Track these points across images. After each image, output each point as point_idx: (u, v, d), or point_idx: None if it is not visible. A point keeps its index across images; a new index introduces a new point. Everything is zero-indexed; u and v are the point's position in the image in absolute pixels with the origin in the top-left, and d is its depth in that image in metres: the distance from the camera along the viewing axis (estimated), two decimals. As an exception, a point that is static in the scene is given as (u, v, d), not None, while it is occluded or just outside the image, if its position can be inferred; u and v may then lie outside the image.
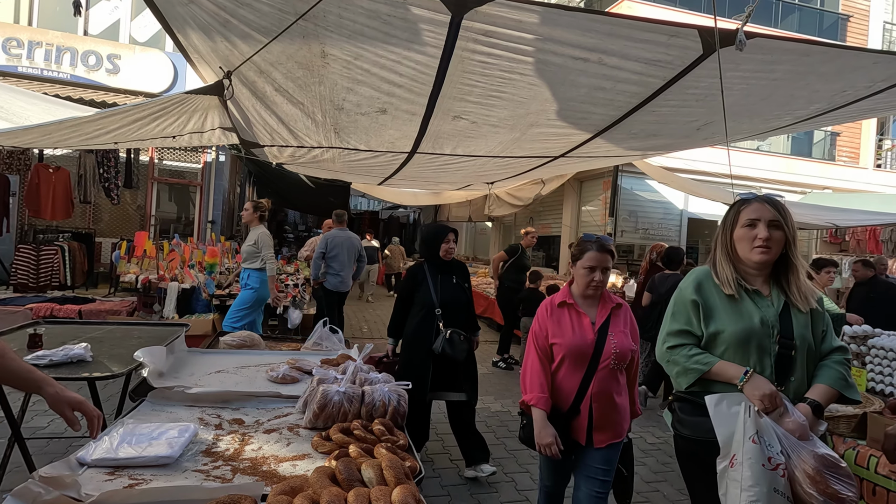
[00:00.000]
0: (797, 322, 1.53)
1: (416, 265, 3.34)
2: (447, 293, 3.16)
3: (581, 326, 1.99)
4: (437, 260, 3.24)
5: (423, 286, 3.18)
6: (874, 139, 11.18)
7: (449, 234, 3.24)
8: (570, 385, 1.95)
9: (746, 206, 1.58)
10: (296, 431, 1.54)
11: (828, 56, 2.99)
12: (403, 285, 3.30)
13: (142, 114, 3.84)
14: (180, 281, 4.88)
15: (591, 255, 1.98)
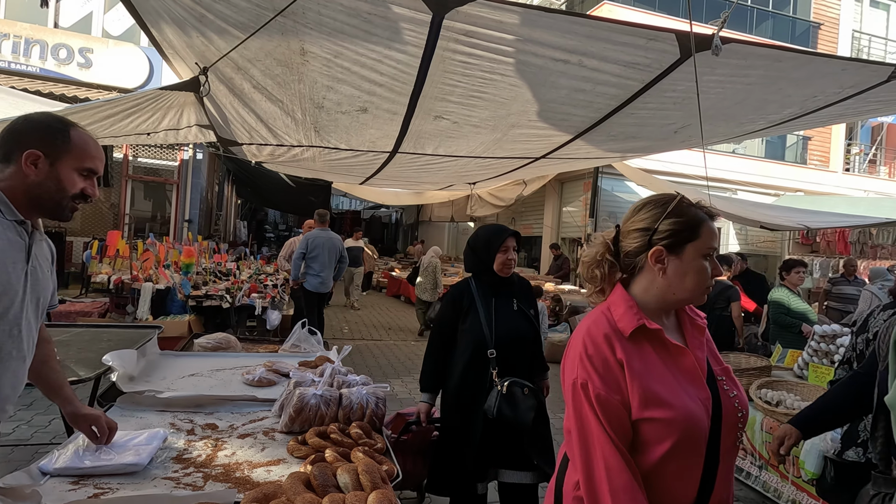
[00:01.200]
0: None
1: (461, 284, 2.35)
2: (505, 325, 2.19)
3: (685, 374, 1.05)
4: (491, 276, 2.25)
5: (470, 315, 2.21)
6: (843, 144, 11.55)
7: (508, 240, 2.24)
8: (683, 492, 1.02)
9: None
10: (271, 436, 1.50)
11: (799, 62, 3.07)
12: (442, 314, 2.32)
13: (114, 109, 3.74)
14: (155, 281, 4.76)
15: (710, 231, 1.10)
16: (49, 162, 1.17)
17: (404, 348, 6.80)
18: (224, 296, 4.94)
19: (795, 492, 2.36)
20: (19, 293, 1.18)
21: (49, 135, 1.18)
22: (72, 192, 1.20)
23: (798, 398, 2.53)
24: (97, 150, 1.26)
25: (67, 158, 1.19)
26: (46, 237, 1.34)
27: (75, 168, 1.20)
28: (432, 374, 2.30)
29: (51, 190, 1.18)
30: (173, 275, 4.99)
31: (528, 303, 2.33)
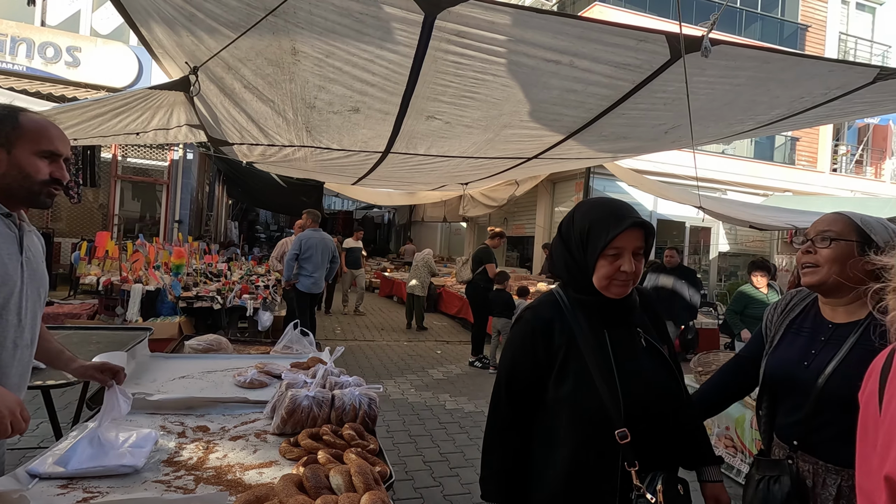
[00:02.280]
0: None
1: (546, 301, 1.28)
2: (637, 380, 1.19)
3: None
4: (593, 294, 1.20)
5: (571, 367, 1.18)
6: (830, 145, 11.70)
7: (626, 235, 1.16)
8: None
9: None
10: (263, 438, 1.50)
11: (787, 63, 3.11)
12: (513, 360, 1.25)
13: (102, 109, 3.70)
14: (144, 283, 4.71)
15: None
16: (6, 151, 1.16)
17: (397, 349, 6.79)
18: (215, 297, 4.90)
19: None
20: (18, 283, 1.20)
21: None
22: (38, 177, 1.19)
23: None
24: (55, 131, 1.23)
25: (22, 143, 1.17)
26: (35, 230, 1.34)
27: (34, 152, 1.18)
28: (503, 477, 1.24)
29: (17, 178, 1.17)
30: (163, 276, 4.94)
31: (658, 332, 1.29)
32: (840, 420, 1.20)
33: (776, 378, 1.34)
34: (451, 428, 4.00)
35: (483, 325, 6.32)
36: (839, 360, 1.23)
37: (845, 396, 1.20)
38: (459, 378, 5.53)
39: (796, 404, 1.28)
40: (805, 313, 1.39)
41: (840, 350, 1.24)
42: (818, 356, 1.27)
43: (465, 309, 8.44)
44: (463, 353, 6.68)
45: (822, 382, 1.22)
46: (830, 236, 1.29)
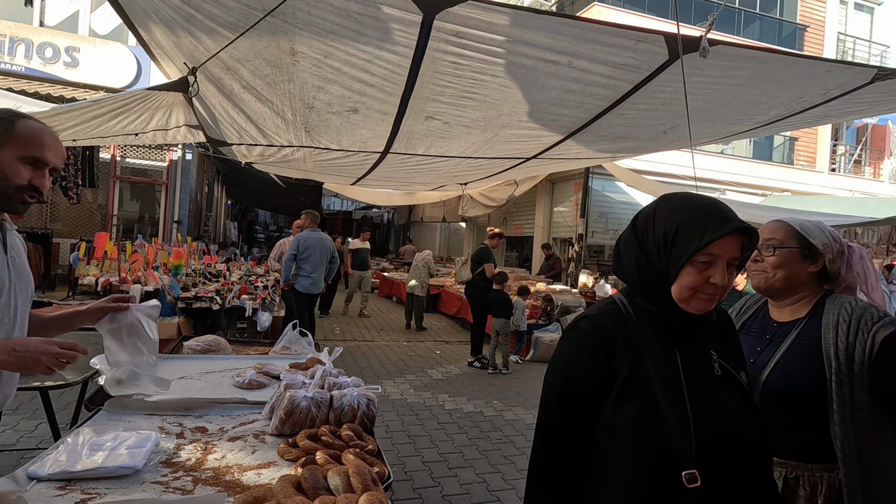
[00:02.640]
0: None
1: (607, 310, 1.05)
2: (717, 413, 0.96)
3: None
4: (668, 305, 0.99)
5: (634, 391, 0.96)
6: (829, 144, 11.72)
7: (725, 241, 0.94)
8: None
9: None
10: (262, 439, 1.50)
11: (785, 64, 3.12)
12: (565, 376, 1.03)
13: (101, 110, 3.70)
14: (143, 283, 4.71)
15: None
16: None
17: (396, 349, 6.79)
18: (214, 297, 4.90)
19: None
20: (6, 283, 1.21)
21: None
22: (16, 181, 1.17)
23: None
24: (48, 139, 1.22)
25: (10, 146, 1.16)
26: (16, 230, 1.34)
27: (19, 156, 1.17)
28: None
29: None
30: (162, 277, 4.94)
31: (734, 357, 1.09)
32: (782, 414, 1.27)
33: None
34: (450, 428, 4.01)
35: (482, 325, 6.33)
36: (779, 356, 1.30)
37: (783, 391, 1.27)
38: (458, 378, 5.53)
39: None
40: (756, 314, 1.48)
41: (781, 346, 1.32)
42: (762, 353, 1.35)
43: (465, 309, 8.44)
44: (462, 353, 6.68)
45: (764, 378, 1.29)
46: (774, 244, 1.37)
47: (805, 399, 1.24)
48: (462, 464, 3.36)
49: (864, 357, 1.19)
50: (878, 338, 1.18)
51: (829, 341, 1.23)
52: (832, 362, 1.21)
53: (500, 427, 4.11)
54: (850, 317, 1.24)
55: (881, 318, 1.21)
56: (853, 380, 1.19)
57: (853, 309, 1.25)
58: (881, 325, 1.20)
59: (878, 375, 1.18)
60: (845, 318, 1.24)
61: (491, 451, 3.61)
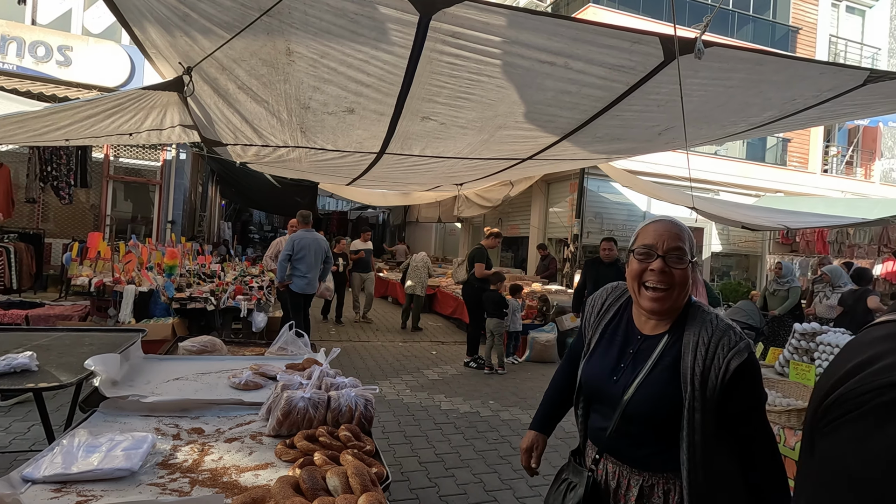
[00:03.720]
0: None
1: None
2: None
3: None
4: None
5: None
6: (821, 146, 11.81)
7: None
8: None
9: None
10: (259, 440, 1.49)
11: (779, 66, 3.14)
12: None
13: (95, 110, 3.66)
14: (137, 284, 4.68)
15: None
16: None
17: (392, 349, 6.78)
18: (209, 298, 4.88)
19: (777, 487, 2.41)
20: None
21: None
22: None
23: (780, 395, 2.59)
24: None
25: None
26: None
27: None
28: None
29: None
30: (156, 277, 4.91)
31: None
32: (642, 431, 1.25)
33: (590, 388, 1.36)
34: (447, 429, 4.01)
35: (478, 325, 6.33)
36: (642, 377, 1.24)
37: (644, 413, 1.23)
38: (455, 379, 5.53)
39: (606, 414, 1.31)
40: (619, 318, 1.37)
41: (644, 366, 1.25)
42: (626, 371, 1.27)
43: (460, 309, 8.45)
44: (458, 353, 6.69)
45: (627, 399, 1.24)
46: (686, 257, 1.24)
47: (665, 422, 1.21)
48: (459, 464, 3.36)
49: (717, 383, 1.16)
50: (732, 365, 1.15)
51: (688, 364, 1.19)
52: (688, 387, 1.17)
53: (497, 427, 4.11)
54: (709, 339, 1.19)
55: (737, 344, 1.17)
56: (704, 405, 1.16)
57: (713, 330, 1.20)
58: (735, 353, 1.16)
59: (724, 401, 1.16)
60: (704, 340, 1.19)
61: (487, 451, 3.62)
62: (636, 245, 1.29)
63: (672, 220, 1.30)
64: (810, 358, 2.84)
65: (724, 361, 1.16)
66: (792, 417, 2.40)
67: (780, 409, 2.45)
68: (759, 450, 1.19)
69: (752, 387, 1.19)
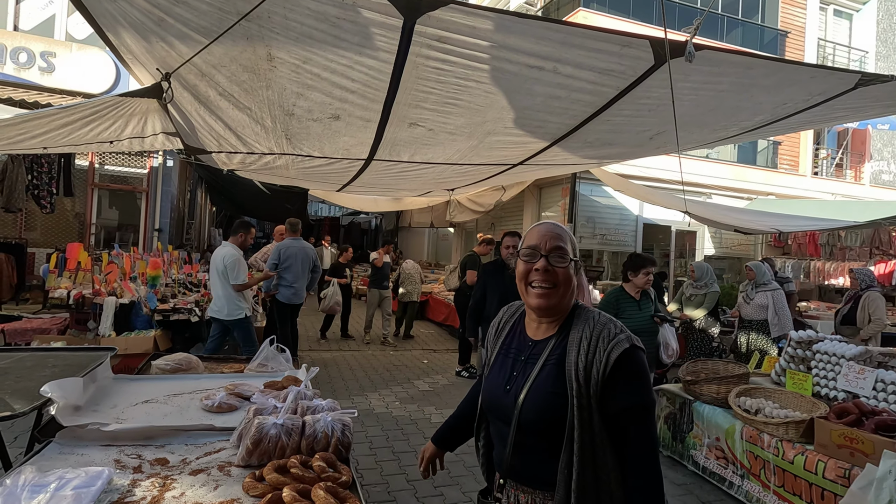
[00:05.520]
0: None
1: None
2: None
3: None
4: None
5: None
6: (812, 148, 11.87)
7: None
8: None
9: None
10: (226, 471, 1.39)
11: (769, 69, 3.10)
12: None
13: (72, 117, 3.56)
14: (119, 295, 4.55)
15: None
16: None
17: (382, 359, 6.67)
18: (193, 309, 4.75)
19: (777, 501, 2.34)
20: None
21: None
22: None
23: (777, 405, 2.52)
24: None
25: None
26: None
27: None
28: None
29: None
30: (139, 288, 4.78)
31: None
32: (538, 444, 1.20)
33: (488, 405, 1.32)
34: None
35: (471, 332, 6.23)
36: (531, 381, 1.21)
37: (535, 419, 1.18)
38: (446, 389, 5.43)
39: (503, 433, 1.25)
40: (513, 331, 1.36)
41: (533, 369, 1.23)
42: (518, 378, 1.25)
43: (452, 316, 8.35)
44: (450, 361, 6.59)
45: (520, 406, 1.20)
46: (568, 256, 1.26)
47: (556, 425, 1.16)
48: (448, 481, 3.26)
49: (598, 377, 1.13)
50: (612, 356, 1.13)
51: (572, 360, 1.17)
52: (573, 383, 1.14)
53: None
54: (591, 333, 1.18)
55: (617, 335, 1.16)
56: (590, 401, 1.13)
57: (595, 324, 1.20)
58: (615, 343, 1.14)
59: (606, 399, 1.13)
60: (587, 335, 1.18)
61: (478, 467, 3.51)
62: (522, 247, 1.30)
63: (554, 223, 1.32)
64: (807, 367, 2.77)
65: (605, 353, 1.13)
66: (790, 429, 2.33)
67: (777, 420, 2.38)
68: (633, 455, 1.13)
69: (633, 381, 1.14)
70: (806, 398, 2.50)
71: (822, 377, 2.64)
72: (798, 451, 2.28)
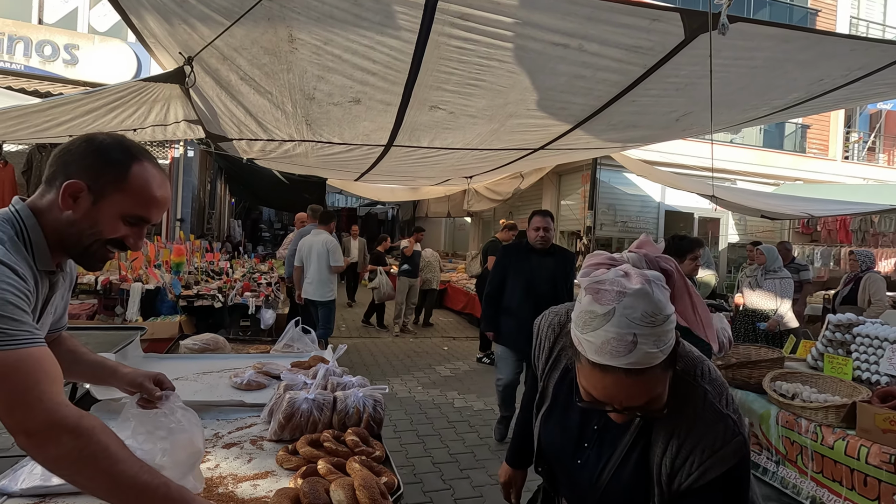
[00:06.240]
0: None
1: None
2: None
3: None
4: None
5: None
6: (842, 132, 11.47)
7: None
8: None
9: None
10: (259, 445, 1.39)
11: (807, 43, 2.97)
12: None
13: (96, 103, 3.59)
14: (144, 282, 4.62)
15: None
16: (92, 199, 0.92)
17: (402, 345, 6.69)
18: (216, 295, 4.81)
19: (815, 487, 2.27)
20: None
21: (105, 165, 0.93)
22: (107, 236, 0.95)
23: (814, 390, 2.44)
24: (160, 192, 0.98)
25: (115, 199, 0.93)
26: (71, 268, 1.10)
27: (121, 213, 0.94)
28: None
29: (83, 233, 0.93)
30: (163, 274, 4.85)
31: None
32: None
33: (552, 459, 1.12)
34: (461, 427, 3.90)
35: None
36: (611, 470, 0.97)
37: (622, 501, 0.98)
38: (467, 375, 5.42)
39: (577, 496, 1.08)
40: (574, 371, 0.99)
41: (613, 453, 0.98)
42: (590, 456, 1.01)
43: (471, 304, 8.33)
44: (470, 349, 6.57)
45: (600, 490, 0.99)
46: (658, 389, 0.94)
47: None
48: (474, 465, 3.25)
49: (685, 485, 0.90)
50: (709, 476, 0.88)
51: (656, 459, 0.92)
52: (655, 487, 0.93)
53: (512, 425, 4.00)
54: (687, 433, 0.89)
55: (723, 447, 0.87)
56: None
57: (697, 420, 0.90)
58: (717, 460, 0.87)
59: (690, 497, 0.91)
60: (681, 433, 0.90)
61: (504, 450, 3.49)
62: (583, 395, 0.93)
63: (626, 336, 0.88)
64: (846, 351, 2.67)
65: (699, 468, 0.88)
66: (830, 414, 2.25)
67: (816, 405, 2.30)
68: None
69: (727, 499, 0.90)
70: (845, 382, 2.41)
71: (863, 361, 2.54)
72: (838, 436, 2.20)
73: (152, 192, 0.96)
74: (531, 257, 3.63)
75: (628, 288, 0.81)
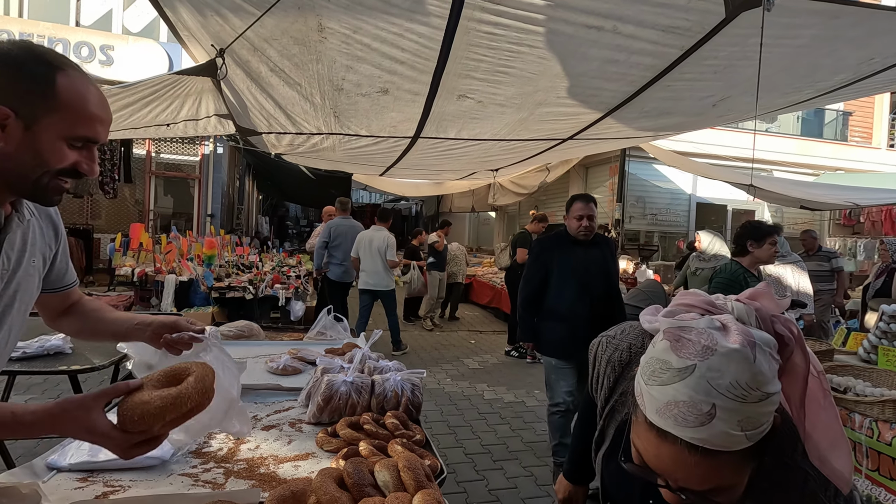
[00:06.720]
0: None
1: None
2: None
3: None
4: None
5: None
6: (888, 118, 10.91)
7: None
8: None
9: None
10: (298, 427, 1.38)
11: (859, 17, 2.80)
12: None
13: (133, 97, 3.67)
14: (178, 274, 4.73)
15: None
16: (24, 125, 0.78)
17: (429, 338, 6.68)
18: (247, 287, 4.89)
19: (871, 486, 2.15)
20: None
21: (24, 82, 0.78)
22: (56, 166, 0.82)
23: (868, 384, 2.31)
24: (97, 106, 0.84)
25: (51, 121, 0.80)
26: (35, 216, 0.97)
27: (64, 136, 0.81)
28: None
29: (26, 165, 0.80)
30: (196, 267, 4.95)
31: None
32: None
33: (618, 501, 1.00)
34: (492, 419, 3.86)
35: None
36: None
37: None
38: (496, 368, 5.37)
39: None
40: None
41: None
42: None
43: (497, 298, 8.26)
44: (497, 342, 6.52)
45: None
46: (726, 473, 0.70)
47: None
48: (507, 456, 3.21)
49: None
50: None
51: None
52: None
53: (544, 417, 3.92)
54: None
55: None
56: None
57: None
58: None
59: None
60: None
61: (536, 442, 3.44)
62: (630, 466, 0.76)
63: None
64: (901, 343, 2.53)
65: None
66: (887, 409, 2.13)
67: (871, 399, 2.18)
68: None
69: None
70: (903, 376, 2.27)
71: (919, 353, 2.40)
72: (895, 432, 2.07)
73: (89, 104, 0.83)
74: (576, 250, 3.10)
75: (721, 345, 0.63)
